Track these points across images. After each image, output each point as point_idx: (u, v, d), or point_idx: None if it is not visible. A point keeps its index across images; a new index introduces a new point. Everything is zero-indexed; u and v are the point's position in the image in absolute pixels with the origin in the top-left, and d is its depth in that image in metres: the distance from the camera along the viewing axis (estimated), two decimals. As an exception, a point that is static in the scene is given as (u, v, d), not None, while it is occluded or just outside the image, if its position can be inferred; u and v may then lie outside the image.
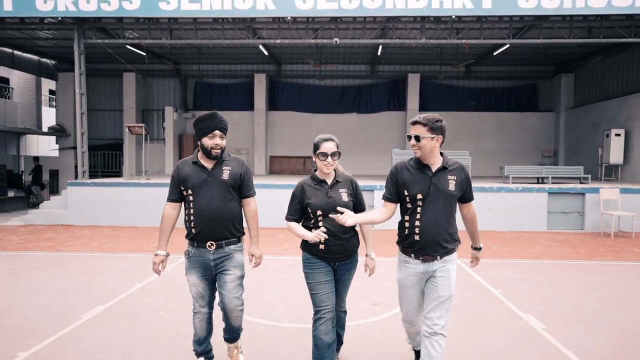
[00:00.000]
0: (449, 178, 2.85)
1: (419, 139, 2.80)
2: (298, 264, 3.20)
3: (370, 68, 17.31)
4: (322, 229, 2.94)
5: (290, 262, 6.76)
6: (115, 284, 5.62)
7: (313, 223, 3.02)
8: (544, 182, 11.24)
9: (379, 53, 14.79)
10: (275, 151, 17.47)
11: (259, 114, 16.93)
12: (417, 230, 2.84)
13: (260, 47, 13.61)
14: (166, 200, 3.22)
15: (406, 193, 2.87)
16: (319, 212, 2.98)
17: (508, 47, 12.84)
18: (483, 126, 17.03)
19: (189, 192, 3.10)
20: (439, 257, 2.85)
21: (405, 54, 15.61)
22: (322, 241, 2.97)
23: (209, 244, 3.08)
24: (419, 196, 2.83)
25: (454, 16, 10.00)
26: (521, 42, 11.49)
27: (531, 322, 4.42)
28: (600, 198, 9.72)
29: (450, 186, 2.84)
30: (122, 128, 16.83)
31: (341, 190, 3.04)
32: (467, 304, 4.95)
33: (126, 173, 15.64)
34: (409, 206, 2.89)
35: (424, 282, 2.93)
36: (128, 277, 5.93)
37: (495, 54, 14.11)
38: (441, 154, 2.91)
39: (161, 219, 3.18)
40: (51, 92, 21.20)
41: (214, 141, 3.05)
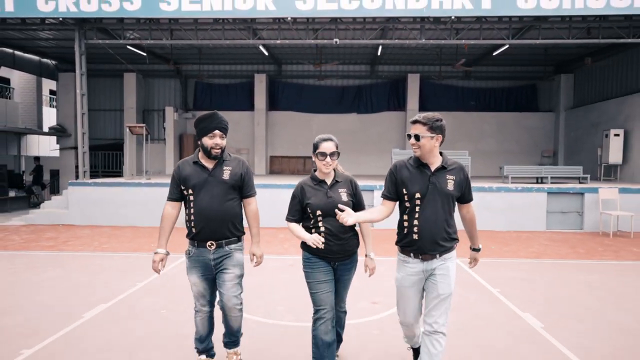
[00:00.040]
0: (447, 178, 2.86)
1: (418, 138, 2.81)
2: (298, 263, 3.23)
3: (370, 68, 17.35)
4: (320, 237, 2.95)
5: (290, 261, 6.80)
6: (117, 283, 5.66)
7: (313, 223, 3.04)
8: (543, 182, 11.28)
9: (378, 53, 14.83)
10: (275, 151, 17.51)
11: (259, 114, 16.98)
12: (415, 229, 2.85)
13: (261, 47, 13.65)
14: (166, 199, 3.23)
15: (404, 192, 2.88)
16: (319, 212, 2.99)
17: (507, 47, 12.87)
18: (483, 126, 17.07)
19: (190, 191, 3.12)
20: (438, 256, 2.86)
21: (405, 54, 15.65)
22: (322, 242, 2.99)
23: (209, 243, 3.10)
24: (417, 195, 2.84)
25: (453, 17, 10.04)
26: (520, 42, 11.53)
27: (530, 321, 4.46)
28: (599, 198, 9.76)
29: (448, 186, 2.85)
30: (123, 128, 16.89)
31: (341, 190, 3.06)
32: (466, 303, 4.99)
33: (127, 173, 15.70)
34: (407, 205, 2.90)
35: (423, 282, 2.93)
36: (129, 276, 5.97)
37: (495, 54, 14.15)
38: (441, 153, 2.92)
39: (161, 217, 3.20)
40: (52, 93, 21.24)
41: (214, 141, 3.07)
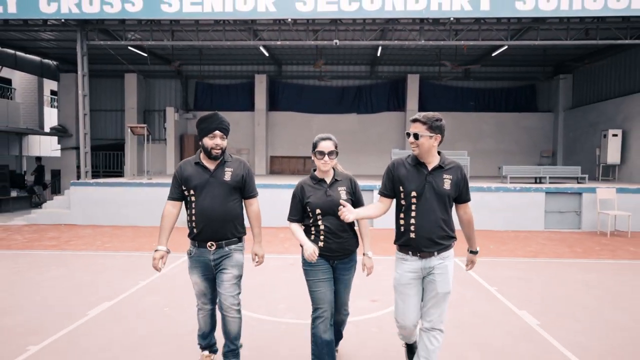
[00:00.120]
0: (444, 177, 2.88)
1: (417, 136, 2.83)
2: (299, 262, 3.28)
3: (369, 69, 17.42)
4: (317, 251, 3.01)
5: (291, 260, 6.88)
6: (119, 282, 5.74)
7: (312, 222, 3.10)
8: (541, 182, 11.36)
9: (378, 54, 14.91)
10: (275, 151, 17.59)
11: (259, 115, 17.05)
12: (412, 227, 2.88)
13: (261, 48, 13.73)
14: (167, 198, 3.26)
15: (401, 189, 2.92)
16: (318, 211, 3.05)
17: (506, 48, 12.96)
18: (482, 126, 17.15)
19: (191, 192, 3.14)
20: (436, 254, 2.88)
21: (404, 55, 15.72)
22: (321, 239, 3.06)
23: (209, 244, 3.14)
24: (413, 193, 2.87)
25: (452, 18, 10.10)
26: (519, 43, 11.62)
27: (526, 319, 4.53)
28: (596, 198, 9.84)
29: (445, 185, 2.87)
30: (124, 128, 16.98)
31: (340, 189, 3.10)
32: (464, 301, 5.07)
33: (128, 173, 15.79)
34: (403, 203, 2.93)
35: (421, 280, 2.96)
36: (131, 275, 6.05)
37: (494, 55, 14.22)
38: (439, 153, 2.94)
39: (161, 216, 3.22)
40: (53, 93, 21.31)
41: (215, 141, 3.10)
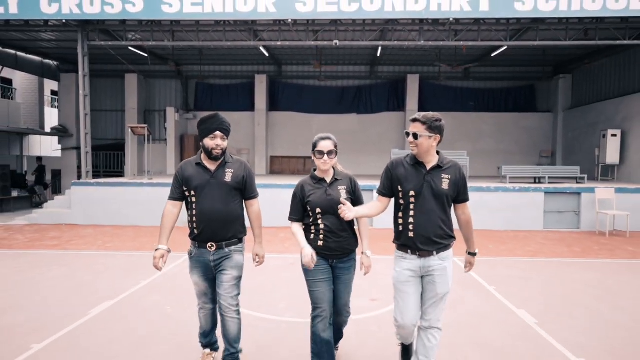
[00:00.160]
0: (442, 177, 2.90)
1: (416, 136, 2.85)
2: (299, 262, 3.30)
3: (369, 69, 17.46)
4: (315, 256, 3.04)
5: (291, 260, 6.92)
6: (121, 281, 5.79)
7: (312, 221, 3.13)
8: (540, 182, 11.40)
9: (378, 54, 14.95)
10: (275, 151, 17.63)
11: (259, 115, 17.10)
12: (410, 226, 2.90)
13: (261, 48, 13.77)
14: (168, 198, 3.27)
15: (399, 189, 2.94)
16: (318, 210, 3.08)
17: (506, 48, 13.00)
18: (482, 126, 17.19)
19: (192, 193, 3.16)
20: (435, 253, 2.90)
21: (404, 55, 15.76)
22: (320, 238, 3.09)
23: (209, 244, 3.15)
24: (412, 193, 2.89)
25: (451, 19, 10.14)
26: (518, 44, 11.66)
27: (524, 317, 4.58)
28: (595, 198, 9.89)
29: (443, 184, 2.89)
30: (124, 128, 17.03)
31: (340, 188, 3.13)
32: (462, 300, 5.11)
33: (128, 173, 15.84)
34: (401, 202, 2.96)
35: (420, 279, 2.98)
36: (133, 275, 6.10)
37: (494, 56, 14.27)
38: (438, 152, 2.96)
39: (162, 216, 3.22)
40: (53, 93, 21.37)
41: (215, 142, 3.12)
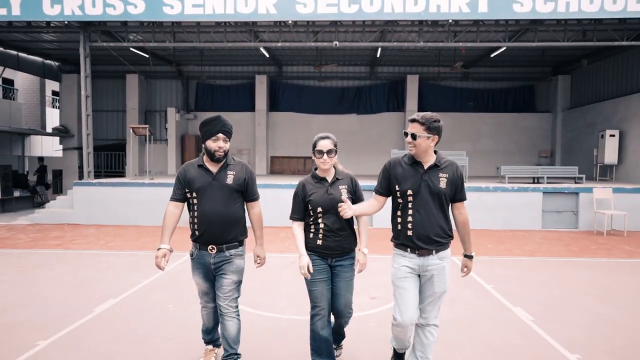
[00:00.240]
0: (440, 176, 2.93)
1: (415, 137, 2.87)
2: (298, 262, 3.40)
3: (369, 69, 17.54)
4: (311, 267, 3.11)
5: (292, 259, 7.00)
6: (124, 280, 5.87)
7: (313, 220, 3.19)
8: (539, 182, 11.48)
9: (378, 55, 15.03)
10: (276, 151, 17.71)
11: (260, 115, 17.19)
12: (409, 225, 2.93)
13: (262, 49, 13.86)
14: (169, 199, 3.29)
15: (397, 188, 2.98)
16: (319, 209, 3.14)
17: (505, 49, 13.08)
18: (481, 127, 17.27)
19: (194, 194, 3.18)
20: (434, 252, 2.94)
21: (404, 56, 15.85)
22: (319, 237, 3.15)
23: (210, 247, 3.18)
24: (409, 192, 2.93)
25: (450, 20, 10.22)
26: (517, 45, 11.75)
27: (521, 315, 4.66)
28: (593, 197, 9.97)
29: (441, 184, 2.92)
30: (125, 129, 17.11)
31: (341, 188, 3.18)
32: (460, 298, 5.19)
33: (129, 173, 15.91)
34: (399, 201, 2.99)
35: (417, 277, 3.02)
36: (136, 273, 6.18)
37: (493, 56, 14.35)
38: (435, 152, 2.99)
39: (164, 216, 3.24)
40: (54, 93, 21.45)
41: (217, 144, 3.14)
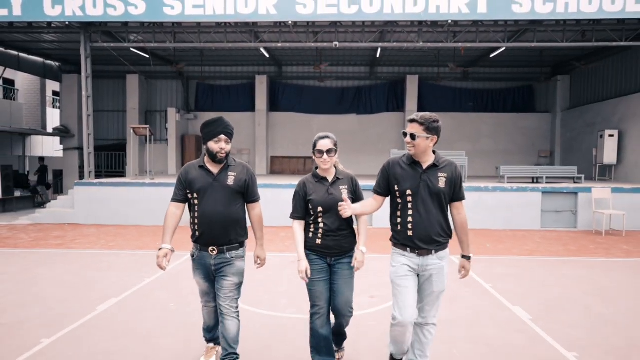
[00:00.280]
0: (439, 175, 2.95)
1: (414, 137, 2.88)
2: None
3: (369, 70, 17.59)
4: (309, 272, 3.15)
5: (291, 258, 7.03)
6: (126, 279, 5.91)
7: (313, 219, 3.22)
8: (538, 182, 11.53)
9: (377, 55, 15.08)
10: (276, 151, 17.76)
11: (260, 115, 17.23)
12: (409, 225, 2.94)
13: (262, 49, 13.90)
14: (171, 200, 3.29)
15: (396, 188, 2.99)
16: (320, 209, 3.16)
17: (504, 49, 13.13)
18: (480, 127, 17.32)
19: (195, 195, 3.19)
20: (433, 252, 2.96)
21: (403, 56, 15.89)
22: (319, 237, 3.18)
23: (210, 249, 3.19)
24: (409, 192, 2.94)
25: (450, 20, 10.27)
26: (516, 45, 11.80)
27: (519, 313, 4.70)
28: (592, 197, 10.01)
29: (440, 183, 2.93)
30: (125, 129, 17.15)
31: (342, 188, 3.21)
32: (459, 297, 5.24)
33: (130, 173, 15.94)
34: (399, 201, 3.00)
35: (416, 276, 3.04)
36: (137, 272, 6.22)
37: (492, 56, 14.39)
38: (434, 152, 3.01)
39: (165, 216, 3.25)
40: (55, 94, 21.49)
41: (220, 145, 3.15)
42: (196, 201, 3.19)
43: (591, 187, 10.18)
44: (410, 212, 2.96)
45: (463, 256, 3.12)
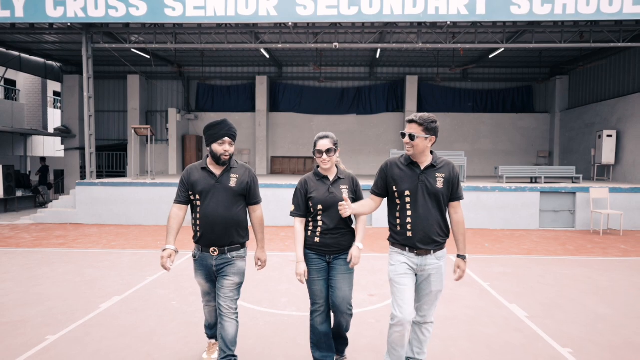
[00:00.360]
0: (437, 175, 2.98)
1: (413, 137, 2.90)
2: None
3: (369, 70, 17.67)
4: (306, 274, 3.22)
5: (291, 257, 7.11)
6: (128, 277, 5.98)
7: (312, 217, 3.28)
8: (537, 182, 11.60)
9: (377, 56, 15.15)
10: (276, 152, 17.83)
11: (260, 115, 17.30)
12: (408, 226, 2.97)
13: (262, 50, 13.96)
14: (173, 201, 3.31)
15: (395, 189, 3.02)
16: (320, 207, 3.22)
17: (503, 50, 13.19)
18: (480, 127, 17.39)
19: (197, 197, 3.21)
20: (432, 252, 2.99)
21: (403, 57, 15.97)
22: (317, 235, 3.23)
23: (212, 249, 3.21)
24: (407, 192, 2.98)
25: (449, 22, 10.34)
26: (515, 46, 11.85)
27: (516, 311, 4.77)
28: (590, 197, 10.08)
29: (438, 183, 2.96)
30: (126, 129, 17.23)
31: (342, 187, 3.26)
32: (457, 295, 5.31)
33: (131, 173, 16.01)
34: (397, 202, 3.03)
35: (415, 275, 3.08)
36: (139, 271, 6.29)
37: (491, 57, 14.47)
38: (432, 152, 3.04)
39: (168, 218, 3.27)
40: (56, 94, 21.57)
41: (223, 147, 3.17)
42: (198, 202, 3.22)
43: (589, 187, 10.26)
44: (409, 212, 2.99)
45: (459, 256, 3.14)
